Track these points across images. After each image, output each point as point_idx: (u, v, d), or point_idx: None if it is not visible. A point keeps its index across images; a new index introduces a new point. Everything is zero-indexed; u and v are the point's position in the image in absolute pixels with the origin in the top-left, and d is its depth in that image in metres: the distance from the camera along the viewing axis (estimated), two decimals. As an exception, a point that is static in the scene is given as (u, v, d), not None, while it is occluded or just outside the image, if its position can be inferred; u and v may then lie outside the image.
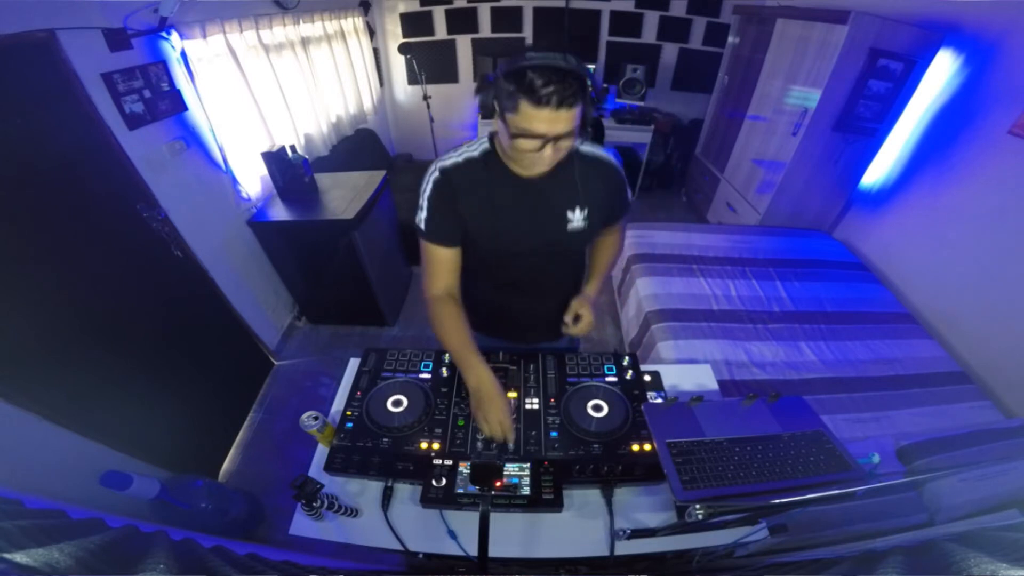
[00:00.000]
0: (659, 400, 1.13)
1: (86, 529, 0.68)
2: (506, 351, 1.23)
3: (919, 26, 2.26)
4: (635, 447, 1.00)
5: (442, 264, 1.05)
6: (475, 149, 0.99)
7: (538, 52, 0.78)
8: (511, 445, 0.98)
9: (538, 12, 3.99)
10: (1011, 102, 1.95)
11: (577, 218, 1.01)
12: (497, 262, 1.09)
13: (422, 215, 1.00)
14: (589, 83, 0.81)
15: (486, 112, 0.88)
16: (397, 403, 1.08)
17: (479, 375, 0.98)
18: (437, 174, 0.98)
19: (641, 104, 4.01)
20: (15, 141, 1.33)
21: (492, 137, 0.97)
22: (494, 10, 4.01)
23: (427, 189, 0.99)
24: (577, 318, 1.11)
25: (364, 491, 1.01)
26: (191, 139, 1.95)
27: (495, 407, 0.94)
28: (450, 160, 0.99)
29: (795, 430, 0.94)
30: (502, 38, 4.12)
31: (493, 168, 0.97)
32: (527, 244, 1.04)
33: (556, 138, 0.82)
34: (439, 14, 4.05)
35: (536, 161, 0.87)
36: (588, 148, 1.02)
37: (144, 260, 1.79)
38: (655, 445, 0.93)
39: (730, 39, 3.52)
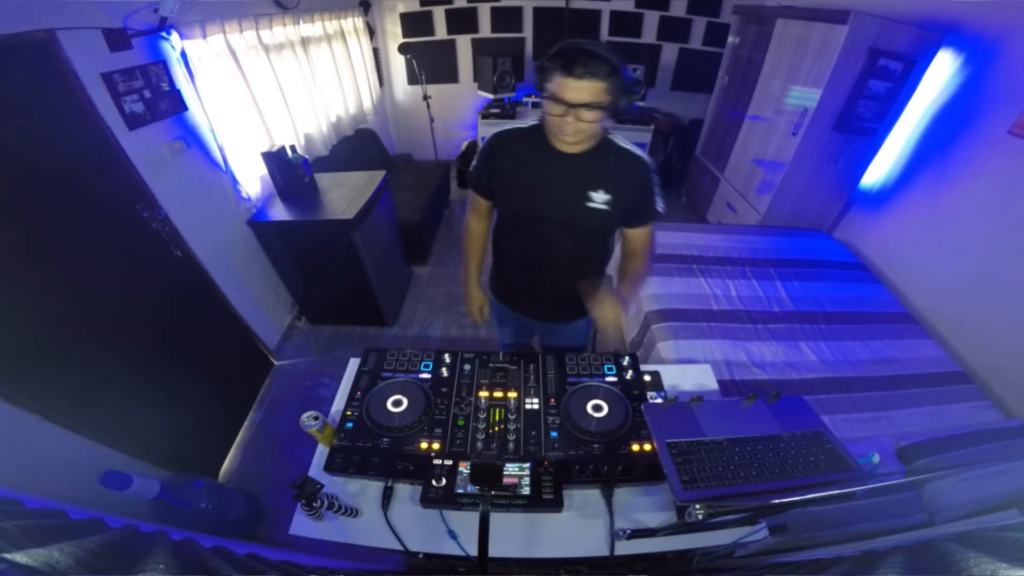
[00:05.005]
0: (659, 400, 1.13)
1: (86, 529, 0.68)
2: (507, 351, 1.24)
3: (919, 26, 2.26)
4: (635, 447, 1.01)
5: (478, 208, 1.32)
6: (527, 123, 1.15)
7: (575, 39, 0.96)
8: (481, 324, 1.51)
9: (538, 12, 4.00)
10: (1011, 102, 1.95)
11: (599, 199, 1.11)
12: (523, 223, 1.23)
13: (473, 164, 1.23)
14: (622, 76, 0.95)
15: (538, 85, 1.02)
16: (397, 403, 1.08)
17: (468, 291, 1.49)
18: (493, 137, 1.17)
19: (641, 104, 4.01)
20: (15, 141, 1.32)
21: (542, 117, 1.10)
22: (494, 10, 4.01)
23: (483, 147, 1.19)
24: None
25: (364, 491, 1.02)
26: (191, 139, 1.95)
27: (470, 304, 1.51)
28: (505, 128, 1.18)
29: (795, 430, 0.94)
30: (502, 38, 4.12)
31: (536, 139, 1.11)
32: (547, 209, 1.16)
33: (577, 106, 0.94)
34: (439, 14, 4.05)
35: (563, 127, 0.99)
36: (627, 145, 1.12)
37: (144, 260, 1.79)
38: (655, 445, 0.93)
39: (730, 39, 3.52)
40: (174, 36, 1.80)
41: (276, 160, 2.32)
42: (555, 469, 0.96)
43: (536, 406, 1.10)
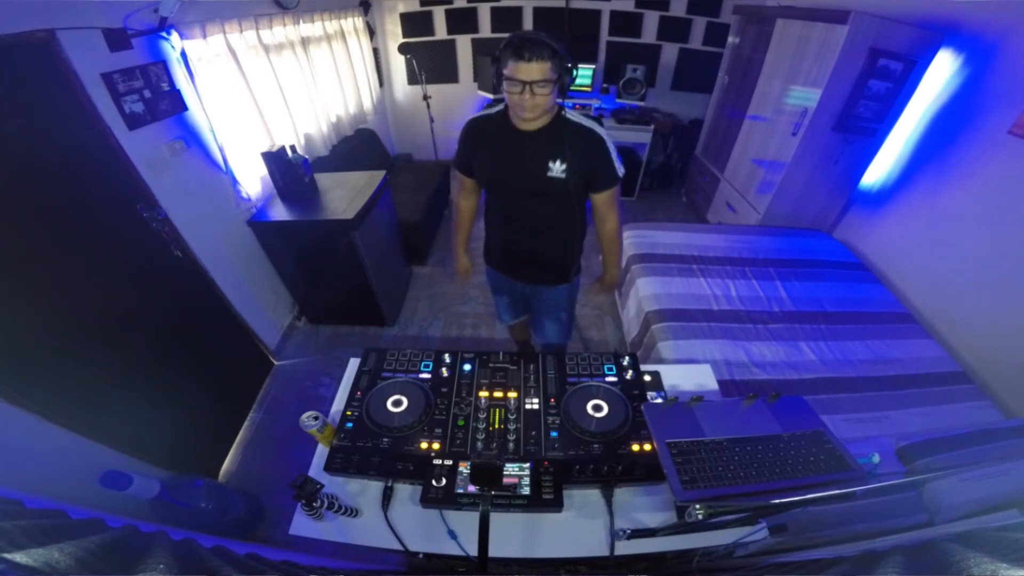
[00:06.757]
0: (659, 400, 1.13)
1: (86, 529, 0.68)
2: (506, 352, 1.25)
3: (919, 26, 2.25)
4: (635, 447, 1.01)
5: (464, 187, 1.55)
6: (495, 109, 1.35)
7: (522, 31, 1.11)
8: (458, 283, 1.65)
9: (538, 12, 4.00)
10: (1011, 102, 1.95)
11: (556, 168, 1.27)
12: (499, 194, 1.44)
13: (456, 149, 1.45)
14: (564, 60, 1.15)
15: (496, 80, 1.19)
16: (397, 403, 1.08)
17: (456, 256, 1.75)
18: (467, 123, 1.40)
19: (641, 104, 4.01)
20: (15, 141, 1.32)
21: (505, 102, 1.27)
22: (494, 10, 4.01)
23: (461, 133, 1.42)
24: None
25: (364, 491, 1.02)
26: (191, 139, 1.95)
27: (457, 266, 1.77)
28: (478, 114, 1.39)
29: (795, 430, 0.94)
30: (502, 38, 4.11)
31: (502, 122, 1.31)
32: (514, 179, 1.35)
33: (531, 84, 1.12)
34: (439, 14, 4.05)
35: (522, 103, 1.16)
36: (579, 119, 1.28)
37: (144, 260, 1.79)
38: (655, 445, 0.93)
39: (730, 39, 3.52)
40: (174, 36, 1.80)
41: (276, 160, 2.32)
42: (555, 469, 0.96)
43: (536, 406, 1.10)
